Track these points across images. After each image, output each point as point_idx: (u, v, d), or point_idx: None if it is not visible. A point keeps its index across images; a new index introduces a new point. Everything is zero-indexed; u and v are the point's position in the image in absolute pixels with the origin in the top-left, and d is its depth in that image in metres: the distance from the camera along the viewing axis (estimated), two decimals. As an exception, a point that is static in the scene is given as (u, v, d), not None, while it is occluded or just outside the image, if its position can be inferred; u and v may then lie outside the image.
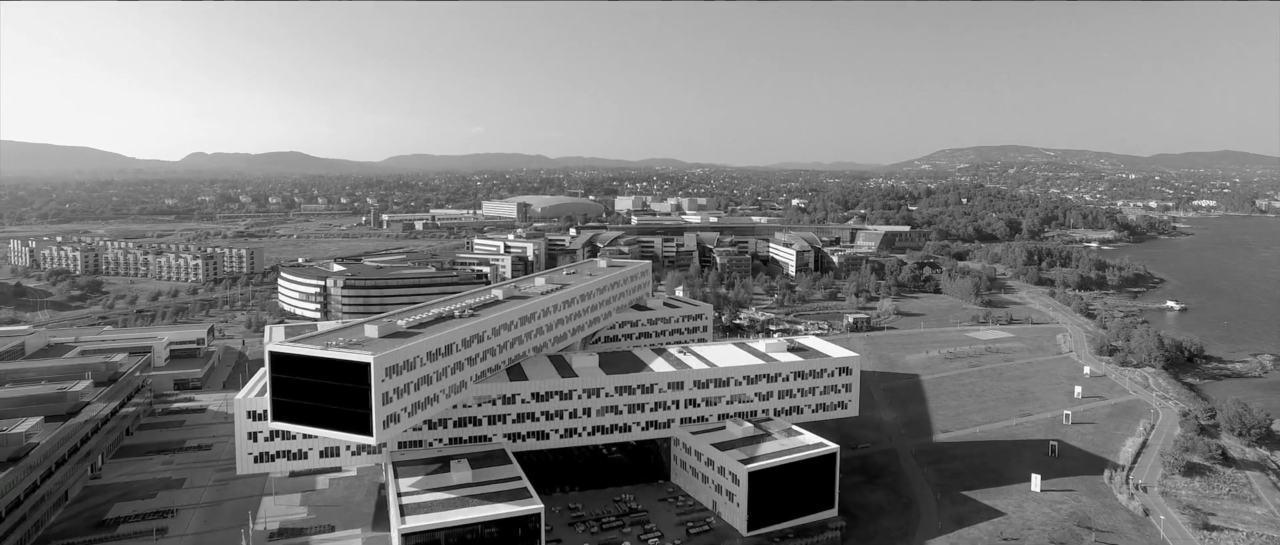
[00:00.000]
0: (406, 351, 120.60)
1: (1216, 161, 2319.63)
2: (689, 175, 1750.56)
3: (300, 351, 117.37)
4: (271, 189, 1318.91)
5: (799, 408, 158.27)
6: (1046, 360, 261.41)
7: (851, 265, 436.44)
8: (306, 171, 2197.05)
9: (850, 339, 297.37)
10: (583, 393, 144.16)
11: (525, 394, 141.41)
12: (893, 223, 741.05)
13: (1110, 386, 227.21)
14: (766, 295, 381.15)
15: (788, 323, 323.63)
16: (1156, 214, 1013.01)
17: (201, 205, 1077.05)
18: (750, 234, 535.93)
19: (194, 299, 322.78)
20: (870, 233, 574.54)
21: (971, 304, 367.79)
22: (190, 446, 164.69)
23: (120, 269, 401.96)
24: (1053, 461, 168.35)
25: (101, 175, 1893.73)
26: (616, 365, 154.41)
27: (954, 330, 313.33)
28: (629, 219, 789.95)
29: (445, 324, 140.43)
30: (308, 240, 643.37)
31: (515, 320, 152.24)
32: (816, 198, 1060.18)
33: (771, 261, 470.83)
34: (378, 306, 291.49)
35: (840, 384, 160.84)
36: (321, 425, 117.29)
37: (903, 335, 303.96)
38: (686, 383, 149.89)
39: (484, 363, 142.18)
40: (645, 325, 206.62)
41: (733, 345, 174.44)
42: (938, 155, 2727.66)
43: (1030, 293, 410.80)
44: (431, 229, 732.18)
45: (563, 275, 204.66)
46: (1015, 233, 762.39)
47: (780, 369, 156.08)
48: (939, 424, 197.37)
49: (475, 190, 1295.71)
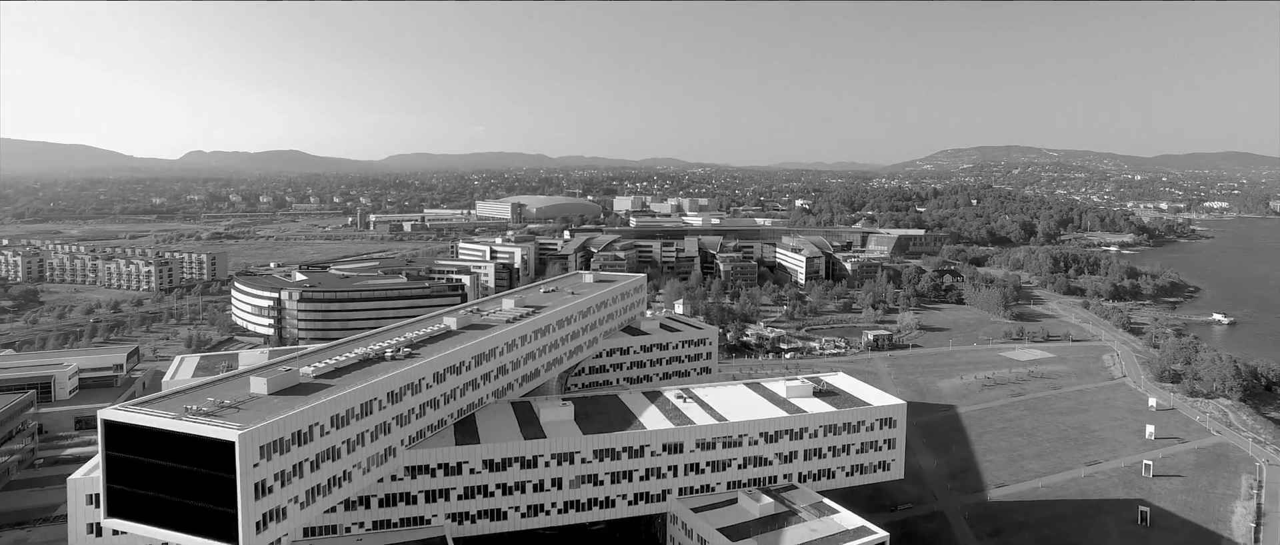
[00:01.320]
0: (298, 419, 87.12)
1: (1222, 162, 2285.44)
2: (690, 175, 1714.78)
3: (142, 421, 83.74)
4: (265, 188, 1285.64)
5: (830, 471, 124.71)
6: (1099, 388, 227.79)
7: (866, 272, 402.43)
8: (305, 170, 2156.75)
9: (871, 359, 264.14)
10: (552, 459, 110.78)
11: (475, 462, 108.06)
12: (902, 225, 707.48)
13: (1185, 424, 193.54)
14: (775, 306, 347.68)
15: (800, 339, 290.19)
16: (1171, 216, 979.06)
17: (189, 204, 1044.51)
18: (755, 238, 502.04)
19: (136, 311, 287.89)
20: (882, 237, 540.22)
21: (1000, 317, 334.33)
22: (60, 517, 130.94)
23: (66, 276, 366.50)
24: (1146, 534, 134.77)
25: (97, 173, 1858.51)
26: (597, 418, 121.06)
27: (986, 349, 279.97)
28: (627, 220, 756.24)
29: (370, 370, 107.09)
30: (287, 242, 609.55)
31: (468, 360, 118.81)
32: (820, 198, 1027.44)
33: (779, 268, 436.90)
34: (337, 322, 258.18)
35: (881, 439, 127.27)
36: (170, 527, 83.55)
37: (930, 355, 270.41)
38: (687, 443, 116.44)
39: (421, 420, 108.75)
40: (637, 354, 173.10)
41: (745, 387, 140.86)
42: (940, 155, 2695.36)
43: (1061, 304, 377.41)
44: (420, 230, 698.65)
45: (540, 294, 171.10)
46: (1030, 235, 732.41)
47: (807, 422, 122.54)
48: (991, 474, 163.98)
49: (472, 190, 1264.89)
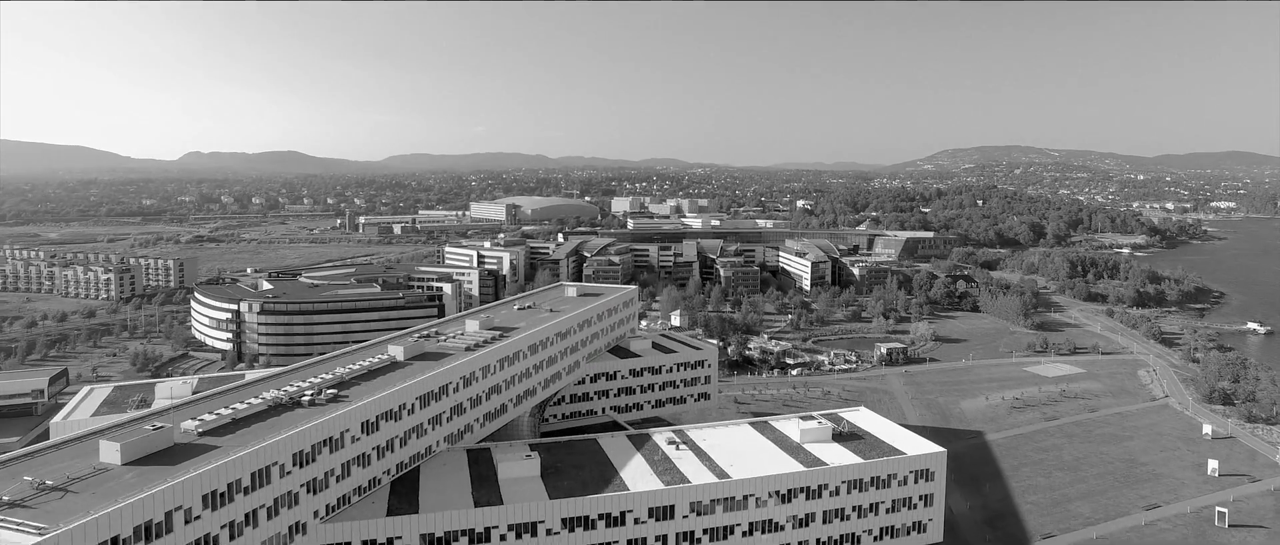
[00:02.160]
0: (146, 507, 64.55)
1: (1223, 162, 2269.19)
2: (690, 175, 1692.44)
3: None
4: (260, 189, 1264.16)
5: (855, 535, 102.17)
6: (1142, 410, 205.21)
7: (875, 278, 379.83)
8: (304, 171, 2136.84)
9: (885, 376, 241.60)
10: (509, 531, 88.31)
11: (411, 537, 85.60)
12: (908, 226, 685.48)
13: (1250, 457, 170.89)
14: (779, 315, 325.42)
15: (806, 351, 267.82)
16: (1178, 217, 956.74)
17: (180, 206, 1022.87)
18: (757, 240, 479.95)
19: (86, 324, 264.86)
20: (890, 239, 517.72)
21: (1020, 327, 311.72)
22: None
23: (21, 284, 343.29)
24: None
25: (94, 174, 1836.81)
26: (569, 473, 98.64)
27: (1009, 363, 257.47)
28: (625, 222, 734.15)
29: (278, 420, 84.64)
30: (270, 246, 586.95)
31: (411, 403, 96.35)
32: (822, 199, 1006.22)
33: (782, 273, 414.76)
34: (301, 338, 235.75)
35: (917, 496, 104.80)
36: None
37: (949, 371, 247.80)
38: (680, 506, 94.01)
39: (344, 483, 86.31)
40: (626, 378, 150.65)
41: (750, 428, 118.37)
42: (940, 155, 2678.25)
43: (1082, 311, 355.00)
44: (411, 233, 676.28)
45: (513, 311, 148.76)
46: (1039, 237, 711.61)
47: (827, 477, 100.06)
48: (1033, 519, 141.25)
49: (469, 190, 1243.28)
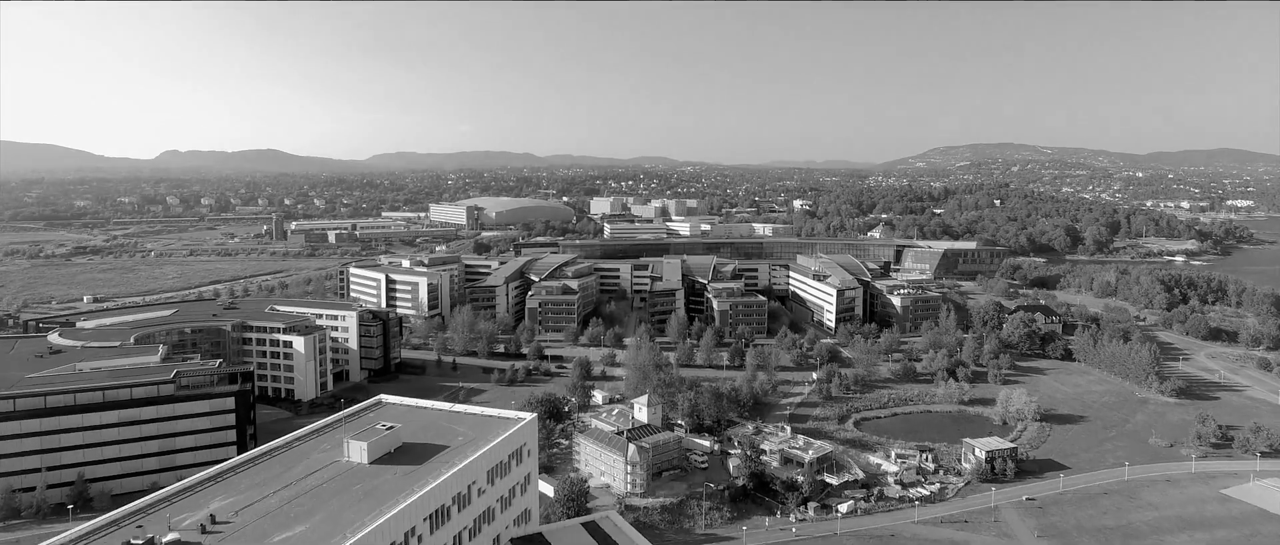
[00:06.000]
0: None
1: (1216, 158, 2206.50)
2: (679, 174, 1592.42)
3: None
4: (224, 188, 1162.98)
5: None
6: None
7: (923, 312, 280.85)
8: (284, 169, 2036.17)
9: (994, 507, 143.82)
10: None
11: None
12: (926, 229, 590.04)
13: None
14: (797, 371, 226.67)
15: (850, 444, 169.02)
16: (1209, 217, 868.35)
17: (119, 207, 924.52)
18: (758, 254, 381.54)
19: None
20: (922, 252, 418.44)
21: (1151, 392, 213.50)
22: None
23: None
24: None
25: (58, 173, 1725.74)
26: None
27: (1186, 474, 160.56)
28: (602, 227, 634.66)
29: None
30: (165, 259, 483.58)
31: None
32: (821, 198, 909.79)
33: (794, 300, 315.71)
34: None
35: None
36: None
37: (1101, 498, 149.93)
38: None
39: None
40: None
41: None
42: (932, 152, 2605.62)
43: (1213, 357, 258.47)
44: (346, 241, 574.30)
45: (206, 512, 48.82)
46: (1076, 243, 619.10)
47: None
48: None
49: (446, 190, 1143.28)
